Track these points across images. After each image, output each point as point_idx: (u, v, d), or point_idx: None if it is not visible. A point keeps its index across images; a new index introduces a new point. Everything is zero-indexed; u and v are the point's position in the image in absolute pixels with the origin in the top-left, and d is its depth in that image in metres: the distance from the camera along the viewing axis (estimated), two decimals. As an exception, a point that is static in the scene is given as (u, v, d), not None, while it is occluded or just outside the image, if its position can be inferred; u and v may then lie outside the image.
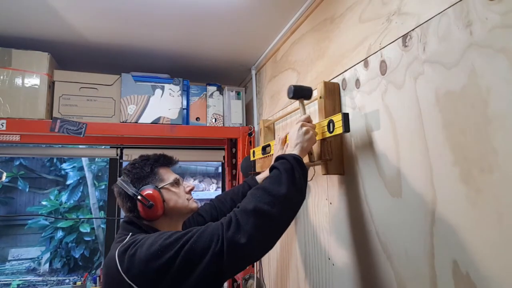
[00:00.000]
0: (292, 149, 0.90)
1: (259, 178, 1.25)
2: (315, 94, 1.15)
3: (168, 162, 1.03)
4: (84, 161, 5.66)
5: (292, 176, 0.80)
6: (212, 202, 1.26)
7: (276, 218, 0.76)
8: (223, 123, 1.85)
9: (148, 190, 0.93)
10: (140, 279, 0.74)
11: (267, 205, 0.75)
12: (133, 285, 0.74)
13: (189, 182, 1.01)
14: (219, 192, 3.71)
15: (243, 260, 0.76)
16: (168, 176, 1.00)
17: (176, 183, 1.00)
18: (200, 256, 0.72)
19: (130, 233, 0.88)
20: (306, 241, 1.25)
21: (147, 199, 0.91)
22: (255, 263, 1.77)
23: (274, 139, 1.47)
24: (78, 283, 1.96)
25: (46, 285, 5.41)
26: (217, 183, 4.48)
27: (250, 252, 0.74)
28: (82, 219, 5.57)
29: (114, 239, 0.92)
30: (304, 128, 0.94)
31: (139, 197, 0.92)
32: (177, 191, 0.99)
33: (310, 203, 1.23)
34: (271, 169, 0.86)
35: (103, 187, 5.81)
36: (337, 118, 0.91)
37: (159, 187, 0.95)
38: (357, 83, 0.97)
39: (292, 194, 0.79)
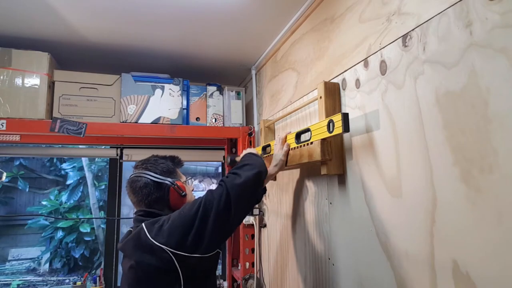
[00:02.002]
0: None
1: None
2: (315, 94, 1.16)
3: (179, 163, 1.14)
4: (84, 161, 5.66)
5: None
6: None
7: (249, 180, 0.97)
8: (223, 123, 1.85)
9: (178, 182, 1.05)
10: (170, 240, 0.86)
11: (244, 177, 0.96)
12: (162, 246, 0.86)
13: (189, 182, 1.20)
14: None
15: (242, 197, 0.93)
16: (180, 175, 1.11)
17: (186, 182, 1.12)
18: (213, 203, 0.89)
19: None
20: (306, 241, 1.25)
21: (181, 188, 1.03)
22: (255, 263, 1.78)
23: (274, 139, 1.47)
24: (78, 283, 1.96)
25: (46, 285, 5.41)
26: (217, 183, 4.48)
27: (244, 188, 0.94)
28: (82, 219, 5.57)
29: (128, 233, 1.01)
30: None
31: (175, 186, 1.02)
32: (189, 188, 1.13)
33: (310, 203, 1.23)
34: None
35: (103, 187, 5.81)
36: (337, 118, 0.91)
37: (182, 181, 1.08)
38: (357, 83, 0.97)
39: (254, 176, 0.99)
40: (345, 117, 0.90)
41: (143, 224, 0.92)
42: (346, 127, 0.89)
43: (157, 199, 1.01)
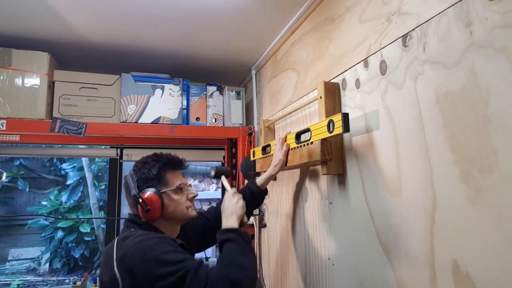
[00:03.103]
0: (228, 220, 1.00)
1: (259, 180, 1.24)
2: (315, 94, 1.15)
3: (177, 165, 1.05)
4: (84, 161, 5.66)
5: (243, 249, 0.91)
6: (218, 206, 1.26)
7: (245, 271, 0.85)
8: (223, 123, 1.85)
9: (148, 193, 0.95)
10: (125, 273, 0.80)
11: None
12: (117, 273, 0.81)
13: (193, 189, 1.07)
14: (219, 192, 3.71)
15: None
16: (174, 180, 1.01)
17: (180, 189, 1.02)
18: None
19: (132, 229, 0.94)
20: (306, 241, 1.25)
21: (145, 203, 0.93)
22: (255, 263, 1.77)
23: (274, 139, 1.47)
24: (78, 283, 1.95)
25: (46, 285, 5.41)
26: (217, 183, 4.48)
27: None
28: (82, 219, 5.57)
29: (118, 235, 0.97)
30: (236, 197, 1.06)
31: (139, 199, 0.94)
32: (178, 198, 1.01)
33: (310, 203, 1.23)
34: (222, 242, 0.93)
35: (103, 187, 5.81)
36: (337, 118, 0.91)
37: (161, 191, 0.97)
38: (357, 83, 0.97)
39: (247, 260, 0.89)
40: (345, 117, 0.90)
41: (115, 240, 0.90)
42: (346, 127, 0.89)
43: (132, 205, 0.99)
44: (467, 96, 0.63)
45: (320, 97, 1.05)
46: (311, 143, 1.05)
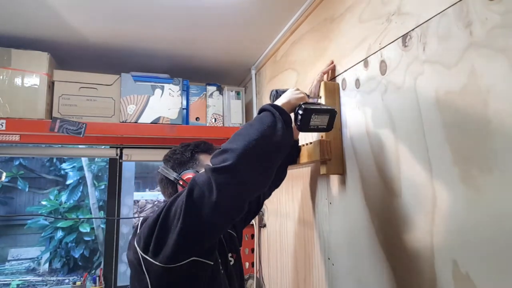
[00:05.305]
0: (277, 101, 0.88)
1: None
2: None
3: (208, 148, 1.04)
4: (84, 161, 5.66)
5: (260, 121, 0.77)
6: None
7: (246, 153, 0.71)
8: (223, 123, 1.85)
9: (189, 175, 0.95)
10: (140, 240, 0.78)
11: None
12: (135, 245, 0.78)
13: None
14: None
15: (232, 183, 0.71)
16: (209, 162, 0.98)
17: None
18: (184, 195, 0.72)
19: None
20: (306, 241, 1.25)
21: (187, 183, 0.87)
22: (255, 263, 1.77)
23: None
24: (78, 283, 1.95)
25: (46, 285, 5.41)
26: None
27: (234, 170, 0.70)
28: (82, 219, 5.57)
29: None
30: (298, 91, 0.92)
31: (180, 181, 0.94)
32: None
33: (310, 203, 1.23)
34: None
35: (102, 187, 5.81)
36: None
37: (200, 172, 0.93)
38: (357, 83, 0.97)
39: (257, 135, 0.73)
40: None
41: (141, 218, 0.87)
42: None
43: (171, 195, 0.96)
44: (467, 96, 0.63)
45: (320, 97, 1.05)
46: (311, 143, 1.05)
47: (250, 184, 0.73)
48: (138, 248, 0.77)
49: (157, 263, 0.73)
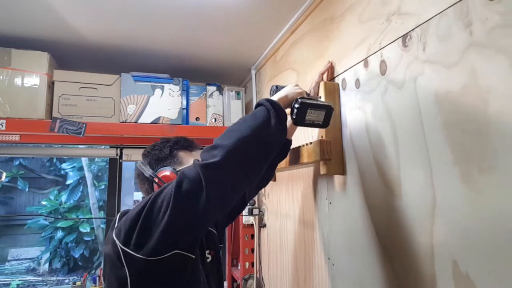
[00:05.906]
0: (275, 96, 0.89)
1: None
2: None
3: (188, 145, 1.01)
4: (84, 161, 5.66)
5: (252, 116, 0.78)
6: None
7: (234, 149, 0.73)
8: (223, 123, 1.85)
9: (165, 172, 0.92)
10: (120, 232, 0.76)
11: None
12: (114, 238, 0.76)
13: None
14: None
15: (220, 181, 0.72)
16: (188, 159, 0.96)
17: None
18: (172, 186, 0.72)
19: None
20: (306, 241, 1.25)
21: (162, 181, 0.89)
22: (254, 263, 1.77)
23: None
24: (78, 283, 1.95)
25: (46, 285, 5.41)
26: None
27: (223, 166, 0.71)
28: (82, 219, 5.57)
29: None
30: (298, 87, 0.93)
31: (155, 179, 0.91)
32: None
33: (310, 203, 1.23)
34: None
35: (102, 187, 5.81)
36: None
37: (177, 169, 0.93)
38: (357, 83, 0.97)
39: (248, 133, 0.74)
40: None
41: (118, 215, 0.84)
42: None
43: (148, 191, 0.95)
44: (467, 96, 0.63)
45: (320, 97, 1.05)
46: (310, 143, 1.05)
47: (238, 181, 0.75)
48: (117, 241, 0.75)
49: (139, 255, 0.72)
